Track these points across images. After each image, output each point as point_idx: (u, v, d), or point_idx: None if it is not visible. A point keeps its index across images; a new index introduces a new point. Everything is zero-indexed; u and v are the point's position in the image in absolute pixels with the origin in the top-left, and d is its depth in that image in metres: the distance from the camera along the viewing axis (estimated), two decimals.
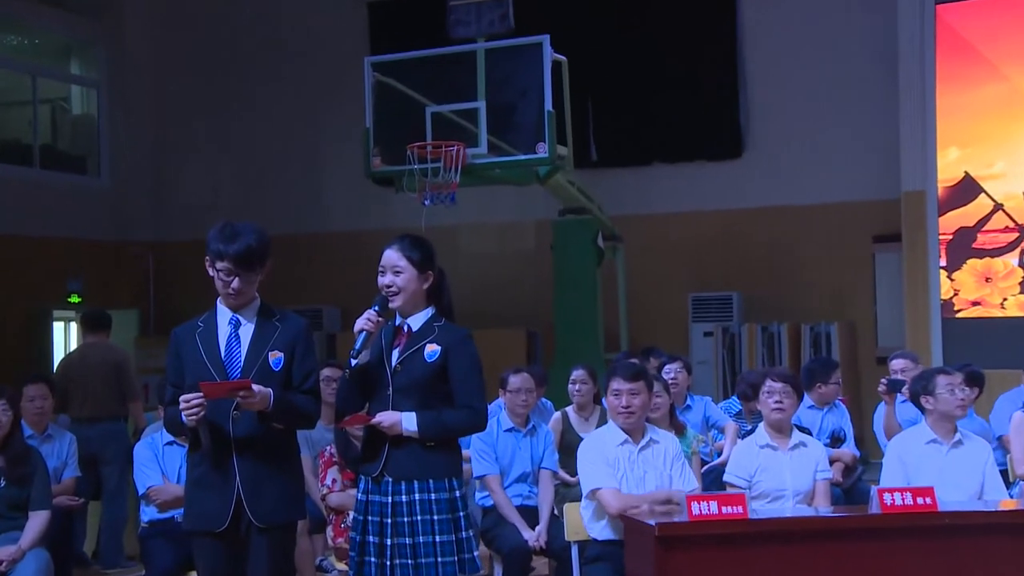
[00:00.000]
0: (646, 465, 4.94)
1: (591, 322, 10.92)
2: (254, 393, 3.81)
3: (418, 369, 4.00)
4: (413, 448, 3.99)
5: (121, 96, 14.54)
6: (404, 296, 4.08)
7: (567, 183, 10.49)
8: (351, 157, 12.30)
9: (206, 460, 3.92)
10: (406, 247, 4.12)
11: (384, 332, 4.14)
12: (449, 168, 9.31)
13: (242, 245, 3.95)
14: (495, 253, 13.32)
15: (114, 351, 8.51)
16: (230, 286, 3.94)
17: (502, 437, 6.27)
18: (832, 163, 12.18)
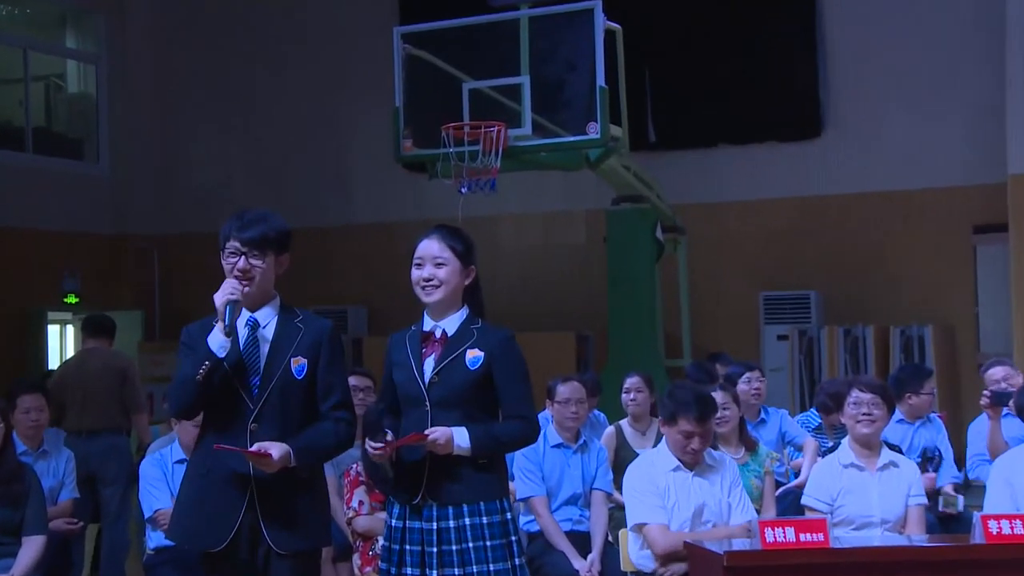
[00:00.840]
0: (702, 493, 4.93)
1: (649, 324, 10.89)
2: (274, 464, 3.84)
3: (459, 378, 3.99)
4: (457, 467, 3.98)
5: (122, 72, 14.68)
6: (445, 291, 4.07)
7: (622, 168, 10.47)
8: (379, 140, 12.34)
9: (214, 472, 3.93)
10: (447, 236, 4.12)
11: (410, 339, 4.14)
12: (489, 151, 9.32)
13: (257, 232, 3.98)
14: (540, 247, 13.33)
15: (117, 357, 8.60)
16: (236, 266, 3.97)
17: (549, 454, 6.27)
18: (926, 143, 12.07)
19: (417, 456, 4.02)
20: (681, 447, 4.97)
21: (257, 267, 3.99)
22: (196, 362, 3.90)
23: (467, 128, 9.43)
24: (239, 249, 3.97)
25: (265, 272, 4.00)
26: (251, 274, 3.98)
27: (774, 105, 12.44)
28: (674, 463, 4.98)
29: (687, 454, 4.96)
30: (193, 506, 3.99)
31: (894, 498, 5.21)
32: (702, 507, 4.91)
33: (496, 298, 4.29)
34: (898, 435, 6.84)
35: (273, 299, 4.08)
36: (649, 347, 10.76)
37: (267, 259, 4.00)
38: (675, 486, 4.93)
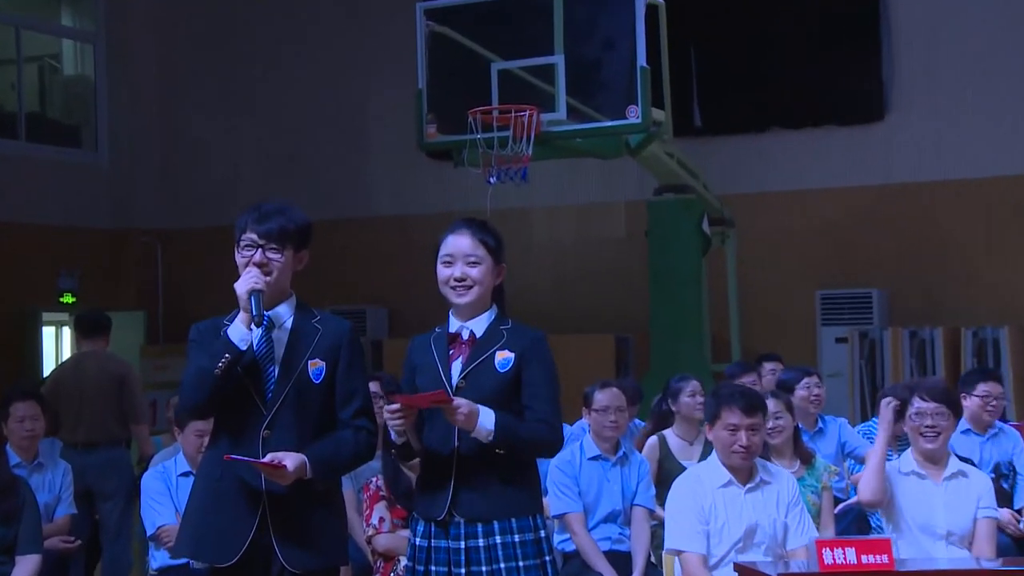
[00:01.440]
0: (755, 512, 4.90)
1: (694, 326, 10.88)
2: (288, 475, 3.86)
3: (489, 382, 4.00)
4: (487, 480, 3.99)
5: (122, 53, 14.75)
6: (479, 292, 4.07)
7: (665, 155, 10.45)
8: (400, 126, 12.37)
9: (224, 481, 3.96)
10: (478, 230, 4.12)
11: (435, 341, 4.14)
12: (520, 138, 9.32)
13: (275, 224, 4.01)
14: (576, 242, 13.32)
15: (115, 362, 8.64)
16: (252, 259, 3.99)
17: (586, 467, 6.27)
18: (1000, 126, 11.98)
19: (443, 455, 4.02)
20: (727, 446, 4.92)
21: (275, 261, 4.01)
22: (213, 355, 3.92)
23: (496, 112, 9.44)
24: (255, 242, 4.00)
25: (283, 268, 4.03)
26: (268, 269, 4.00)
27: (833, 85, 12.38)
28: (724, 478, 4.94)
29: (735, 454, 4.90)
30: (202, 517, 4.01)
31: (961, 510, 5.18)
32: (754, 528, 4.87)
33: (528, 298, 4.31)
34: (965, 448, 6.76)
35: (289, 297, 4.11)
36: (694, 350, 10.74)
37: (285, 254, 4.02)
38: (724, 504, 4.89)
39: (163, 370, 13.28)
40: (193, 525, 4.05)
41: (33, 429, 6.84)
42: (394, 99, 12.98)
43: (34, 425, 6.84)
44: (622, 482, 6.31)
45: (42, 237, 13.54)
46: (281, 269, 4.02)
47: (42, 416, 6.94)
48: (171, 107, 15.03)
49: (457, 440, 4.01)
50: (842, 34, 12.40)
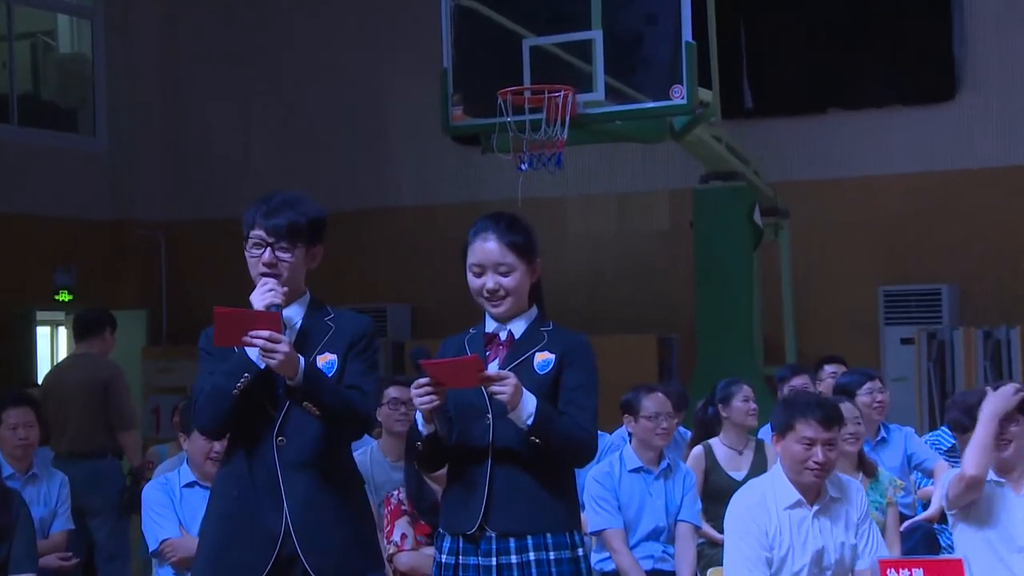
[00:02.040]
0: (823, 535, 4.86)
1: (744, 325, 10.86)
2: (281, 338, 3.86)
3: (527, 384, 3.96)
4: (522, 489, 3.99)
5: (123, 29, 14.81)
6: (514, 300, 4.07)
7: (712, 139, 10.44)
8: (424, 109, 12.39)
9: (245, 490, 3.99)
10: (506, 232, 4.08)
11: (469, 343, 4.15)
12: (554, 121, 9.33)
13: (285, 219, 4.02)
14: (615, 234, 13.32)
15: (100, 366, 8.65)
16: (261, 259, 4.02)
17: (627, 480, 6.28)
18: None
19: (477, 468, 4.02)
20: (800, 461, 4.89)
21: (285, 262, 4.03)
22: (229, 372, 3.96)
23: (528, 93, 9.45)
24: (264, 239, 4.02)
25: (294, 267, 4.05)
26: (277, 269, 4.03)
27: (898, 62, 12.34)
28: (792, 498, 4.89)
29: (809, 471, 4.88)
30: (220, 540, 4.05)
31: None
32: (821, 553, 4.86)
33: (562, 295, 4.31)
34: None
35: (302, 296, 4.14)
36: (744, 352, 10.73)
37: (296, 252, 4.04)
38: (791, 527, 4.85)
39: (167, 373, 13.35)
40: (210, 546, 4.09)
41: (27, 437, 6.85)
42: (417, 80, 13.01)
43: (28, 433, 6.86)
44: (666, 496, 6.30)
45: (36, 230, 13.61)
46: (291, 269, 4.04)
47: (37, 424, 6.96)
48: (176, 88, 15.09)
49: (492, 446, 4.02)
50: (908, 6, 12.34)
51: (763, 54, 12.79)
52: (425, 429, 4.01)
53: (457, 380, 3.92)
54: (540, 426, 3.91)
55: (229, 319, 3.89)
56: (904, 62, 12.32)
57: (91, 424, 8.37)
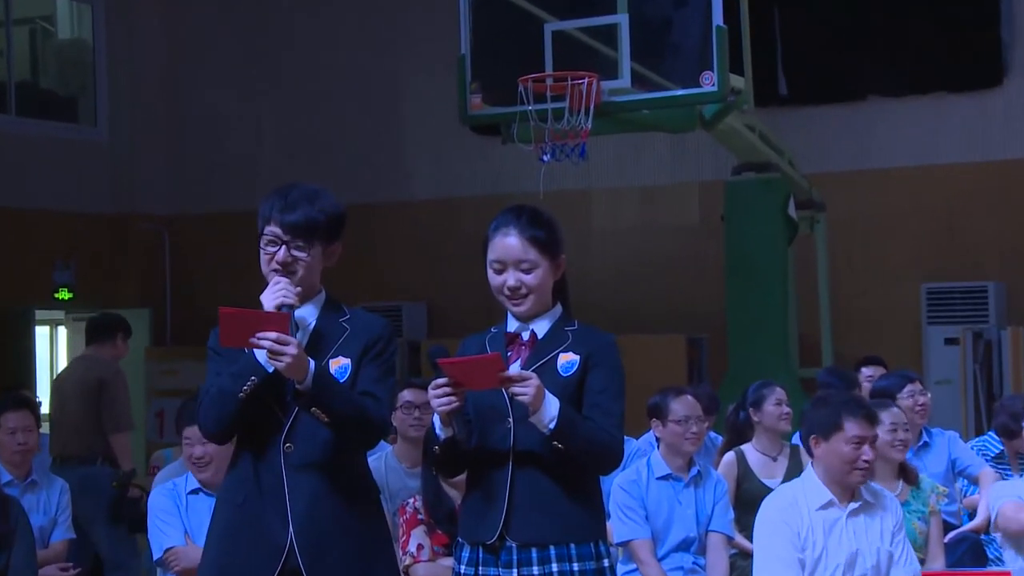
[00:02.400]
0: (857, 538, 4.88)
1: (779, 324, 10.84)
2: (289, 340, 3.83)
3: (550, 387, 3.97)
4: (545, 496, 3.99)
5: (125, 14, 14.84)
6: (536, 298, 4.07)
7: (745, 128, 10.42)
8: (440, 97, 12.40)
9: (250, 498, 4.01)
10: (527, 226, 4.08)
11: (490, 342, 4.15)
12: (577, 109, 9.33)
13: (302, 215, 4.02)
14: (642, 229, 13.31)
15: (98, 365, 8.70)
16: (275, 258, 4.02)
17: (655, 487, 6.28)
18: None
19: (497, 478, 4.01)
20: (850, 462, 4.89)
21: (301, 260, 4.04)
22: (236, 375, 3.96)
23: (550, 80, 9.45)
24: (279, 237, 4.02)
25: (310, 266, 4.05)
26: (293, 268, 4.03)
27: (942, 46, 12.28)
28: (824, 497, 4.92)
29: (857, 471, 4.89)
30: (224, 549, 4.06)
31: None
32: (855, 556, 4.87)
33: (586, 293, 4.31)
34: None
35: (317, 295, 4.14)
36: (778, 353, 10.71)
37: (314, 250, 4.04)
38: (824, 529, 4.87)
39: (171, 375, 13.36)
40: (214, 556, 4.10)
41: (26, 442, 6.88)
42: (434, 66, 13.01)
43: (27, 438, 6.89)
44: (696, 505, 6.30)
45: (33, 224, 13.65)
46: (307, 267, 4.04)
47: (35, 428, 6.99)
48: (180, 75, 15.12)
49: (513, 451, 4.03)
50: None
51: (799, 38, 12.76)
52: (443, 433, 4.00)
53: (477, 380, 3.91)
54: (563, 430, 3.91)
55: (235, 320, 3.89)
56: (949, 46, 12.27)
57: (84, 426, 8.44)
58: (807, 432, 5.09)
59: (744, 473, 6.89)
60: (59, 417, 8.57)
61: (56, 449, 8.48)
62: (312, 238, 4.03)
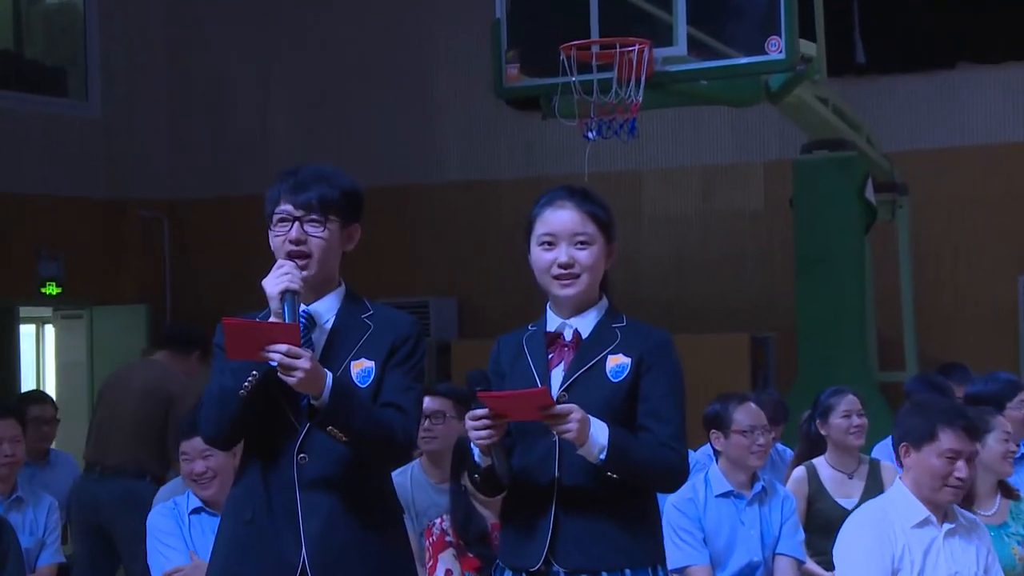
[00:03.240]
0: (955, 561, 4.88)
1: (855, 322, 10.82)
2: (301, 353, 3.84)
3: (598, 394, 4.00)
4: (595, 518, 3.98)
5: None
6: (588, 280, 4.06)
7: (817, 101, 10.40)
8: (472, 67, 12.41)
9: (259, 514, 4.03)
10: (586, 202, 4.09)
11: (528, 343, 4.16)
12: (627, 80, 9.33)
13: (316, 192, 4.05)
14: (700, 215, 13.30)
15: (167, 380, 8.68)
16: (287, 237, 4.04)
17: (714, 506, 6.28)
18: None
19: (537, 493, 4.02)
20: (940, 477, 4.88)
21: (316, 237, 4.05)
22: (237, 370, 3.96)
23: (596, 48, 9.45)
24: (291, 214, 4.04)
25: (327, 246, 4.06)
26: (307, 249, 4.04)
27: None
28: (920, 514, 4.91)
29: (948, 489, 4.88)
30: (230, 567, 4.08)
31: None
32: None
33: (637, 286, 4.31)
34: None
35: (337, 287, 4.16)
36: (855, 354, 10.68)
37: (330, 228, 4.06)
38: (920, 548, 4.88)
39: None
40: (220, 571, 4.12)
41: (13, 454, 6.94)
42: (466, 32, 13.03)
43: (13, 449, 6.94)
44: (761, 525, 6.31)
45: (17, 211, 13.69)
46: (324, 248, 4.05)
47: (23, 438, 7.05)
48: (183, 45, 15.16)
49: (558, 466, 4.03)
50: None
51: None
52: (483, 462, 4.02)
53: (519, 413, 3.92)
54: (615, 461, 3.91)
55: (240, 331, 3.89)
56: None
57: (140, 437, 8.54)
58: (898, 439, 5.08)
59: (816, 491, 6.88)
60: (107, 421, 8.61)
61: (96, 457, 8.56)
62: (327, 214, 4.05)
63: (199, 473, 5.84)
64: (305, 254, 4.04)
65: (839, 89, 11.07)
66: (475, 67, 12.05)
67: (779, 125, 11.66)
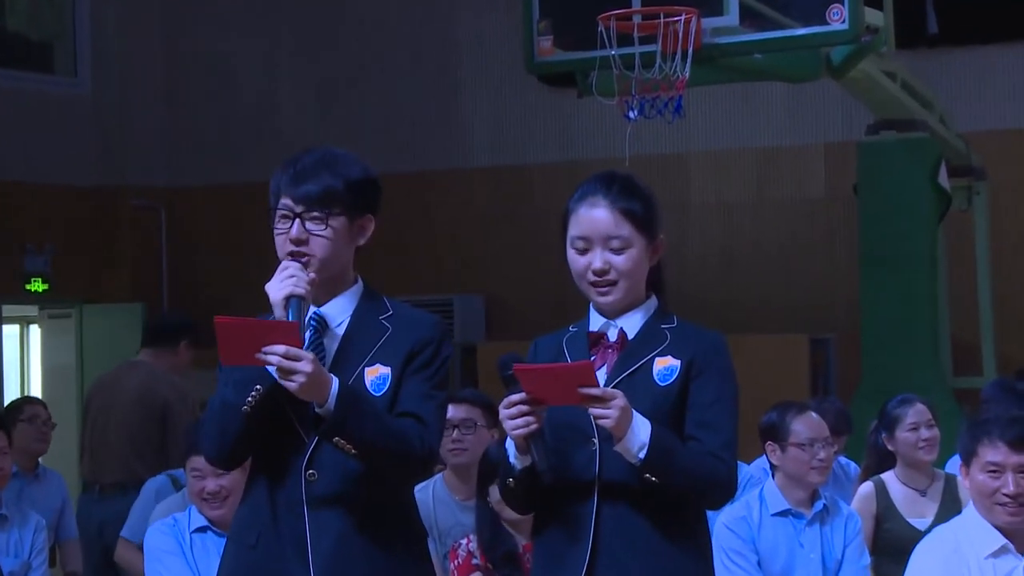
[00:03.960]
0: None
1: (926, 323, 10.79)
2: (302, 355, 3.83)
3: (644, 399, 3.99)
4: (637, 536, 3.98)
5: None
6: (627, 286, 4.08)
7: (883, 76, 10.38)
8: (501, 41, 12.41)
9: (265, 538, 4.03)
10: (620, 197, 4.08)
11: (568, 344, 4.16)
12: (673, 54, 9.33)
13: (319, 183, 4.03)
14: (753, 203, 13.29)
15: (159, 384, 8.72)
16: (289, 234, 4.02)
17: (769, 525, 6.27)
18: None
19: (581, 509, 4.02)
20: (987, 495, 4.85)
21: (319, 236, 4.03)
22: (239, 383, 3.96)
23: (638, 18, 9.45)
24: (291, 210, 4.03)
25: (333, 245, 4.05)
26: (309, 249, 4.03)
27: None
28: (995, 543, 4.87)
29: (999, 508, 4.84)
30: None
31: None
32: None
33: (685, 281, 4.32)
34: None
35: (351, 286, 4.15)
36: (926, 358, 10.66)
37: (335, 224, 4.04)
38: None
39: None
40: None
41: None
42: (494, 3, 13.02)
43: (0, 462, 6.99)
44: (822, 547, 6.29)
45: (1, 200, 13.73)
46: (328, 247, 4.04)
47: (8, 451, 7.05)
48: (181, 16, 15.20)
49: (599, 477, 4.02)
50: None
51: None
52: (519, 462, 3.99)
53: (560, 394, 3.89)
54: (655, 462, 3.90)
55: (235, 331, 3.87)
56: None
57: (133, 452, 8.58)
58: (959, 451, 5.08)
59: (885, 510, 6.86)
60: (99, 436, 8.67)
61: (93, 475, 8.62)
62: (331, 207, 4.03)
63: (211, 492, 5.85)
64: (307, 253, 4.02)
65: (909, 62, 11.04)
66: (504, 40, 12.04)
67: (841, 103, 11.63)
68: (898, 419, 7.03)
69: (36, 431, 8.21)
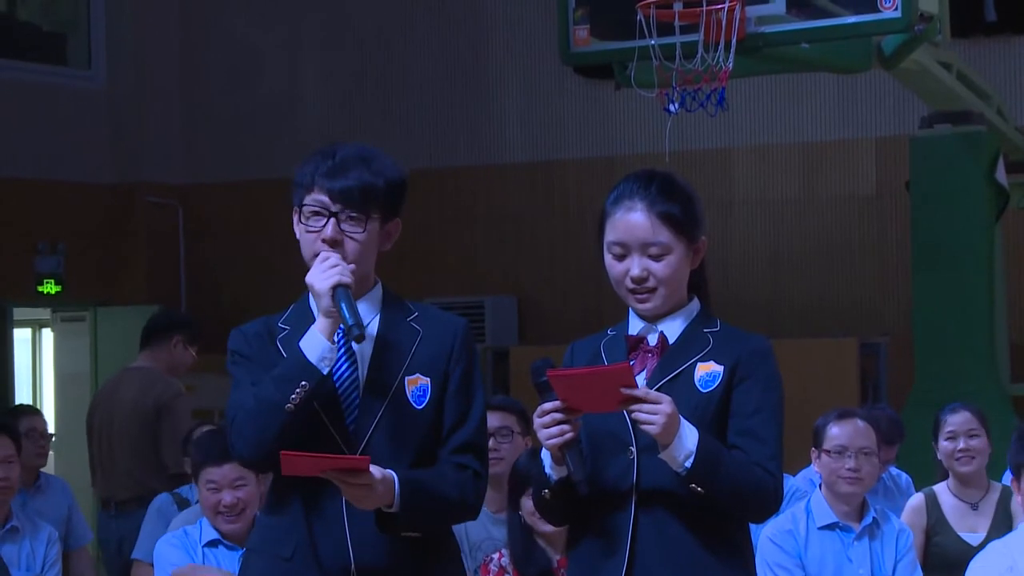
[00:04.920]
0: None
1: (982, 327, 10.76)
2: (371, 479, 3.88)
3: (685, 405, 3.99)
4: (676, 550, 3.99)
5: None
6: (666, 293, 4.09)
7: (939, 66, 10.36)
8: (536, 31, 12.41)
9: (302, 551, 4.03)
10: (658, 198, 4.09)
11: (606, 348, 4.16)
12: (716, 44, 9.32)
13: (356, 180, 4.04)
14: (801, 200, 13.27)
15: (153, 383, 8.80)
16: (321, 235, 4.03)
17: (816, 539, 6.28)
18: None
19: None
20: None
21: (355, 239, 4.06)
22: (281, 379, 3.97)
23: (679, 6, 9.44)
24: (327, 207, 4.05)
25: (364, 249, 4.08)
26: (343, 250, 4.04)
27: None
28: None
29: None
30: None
31: None
32: None
33: (729, 282, 4.32)
34: None
35: (373, 288, 4.18)
36: (982, 363, 10.63)
37: (370, 225, 4.07)
38: None
39: (187, 391, 13.45)
40: None
41: (7, 478, 6.97)
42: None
43: (7, 472, 6.96)
44: (872, 562, 6.30)
45: (11, 197, 13.79)
46: (361, 251, 4.07)
47: (18, 459, 7.07)
48: (198, 8, 15.24)
49: (637, 487, 4.03)
50: None
51: None
52: (555, 472, 4.00)
53: (596, 401, 3.90)
54: (701, 472, 3.91)
55: (299, 463, 3.88)
56: None
57: (138, 464, 8.65)
58: (1009, 463, 5.08)
59: (936, 523, 6.86)
60: (105, 451, 8.74)
61: (106, 492, 8.68)
62: (369, 208, 4.05)
63: (228, 505, 5.87)
64: (340, 255, 4.04)
65: (965, 52, 11.02)
66: (538, 30, 12.04)
67: (894, 95, 11.62)
68: (940, 427, 7.03)
69: (34, 446, 8.22)
